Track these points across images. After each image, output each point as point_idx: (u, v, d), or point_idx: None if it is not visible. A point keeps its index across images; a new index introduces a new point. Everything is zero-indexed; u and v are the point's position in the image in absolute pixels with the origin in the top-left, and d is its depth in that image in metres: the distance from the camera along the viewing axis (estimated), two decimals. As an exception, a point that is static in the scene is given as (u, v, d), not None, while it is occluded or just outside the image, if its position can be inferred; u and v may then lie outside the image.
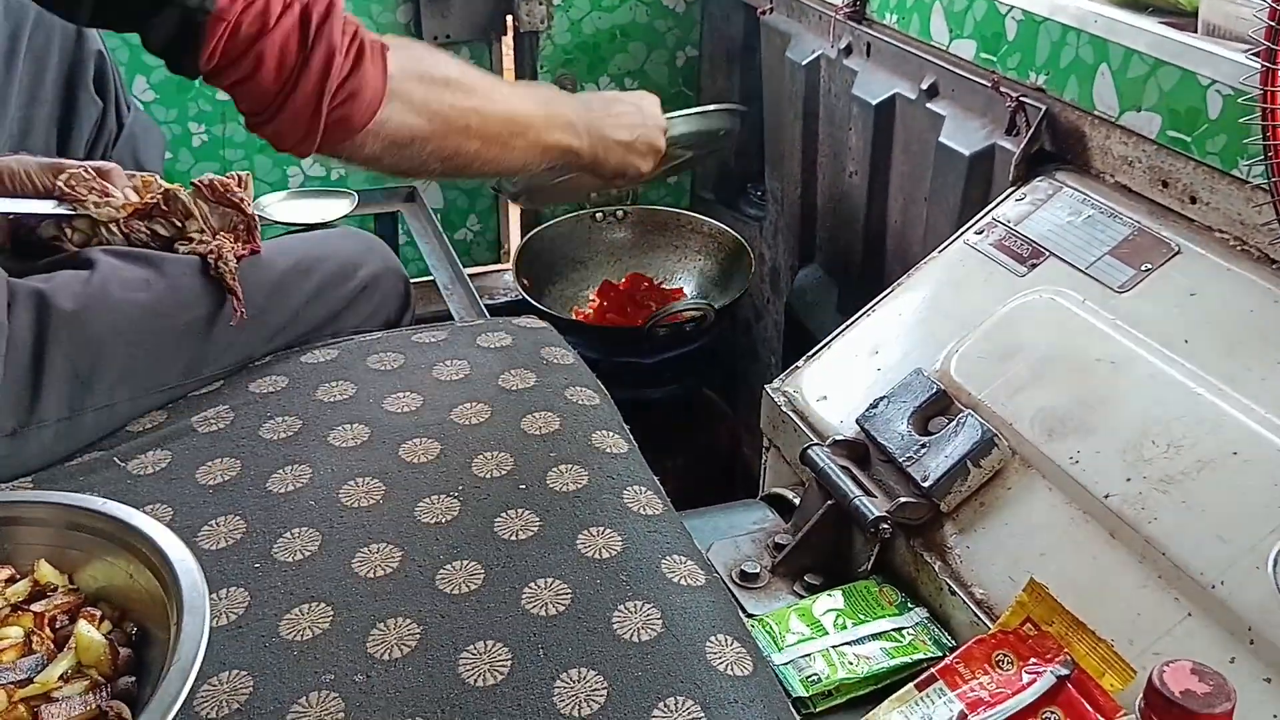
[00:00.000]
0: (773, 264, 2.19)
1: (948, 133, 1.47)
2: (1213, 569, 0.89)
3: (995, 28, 1.41)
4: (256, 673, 0.84)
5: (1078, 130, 1.30)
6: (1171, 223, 1.18)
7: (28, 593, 0.89)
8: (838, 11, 1.72)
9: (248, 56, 0.95)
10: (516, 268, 1.99)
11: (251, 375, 1.20)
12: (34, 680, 0.81)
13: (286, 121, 0.99)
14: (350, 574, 0.94)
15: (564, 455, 1.08)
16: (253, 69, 0.96)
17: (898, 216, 1.68)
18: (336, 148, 1.04)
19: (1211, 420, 0.98)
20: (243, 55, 0.95)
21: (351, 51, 1.00)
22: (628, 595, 0.91)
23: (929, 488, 1.06)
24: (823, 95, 1.83)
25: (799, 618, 1.05)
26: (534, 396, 1.16)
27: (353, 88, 1.00)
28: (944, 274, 1.32)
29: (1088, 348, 1.10)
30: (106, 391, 1.11)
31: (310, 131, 1.00)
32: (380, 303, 1.33)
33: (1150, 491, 0.96)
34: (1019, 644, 0.91)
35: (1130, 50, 1.21)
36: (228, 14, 0.93)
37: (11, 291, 1.07)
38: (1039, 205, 1.29)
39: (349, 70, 1.00)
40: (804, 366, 1.36)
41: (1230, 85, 1.09)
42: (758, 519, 1.25)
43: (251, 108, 1.00)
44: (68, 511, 0.92)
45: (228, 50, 0.95)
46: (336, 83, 0.99)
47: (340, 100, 1.00)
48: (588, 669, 0.85)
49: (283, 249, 1.30)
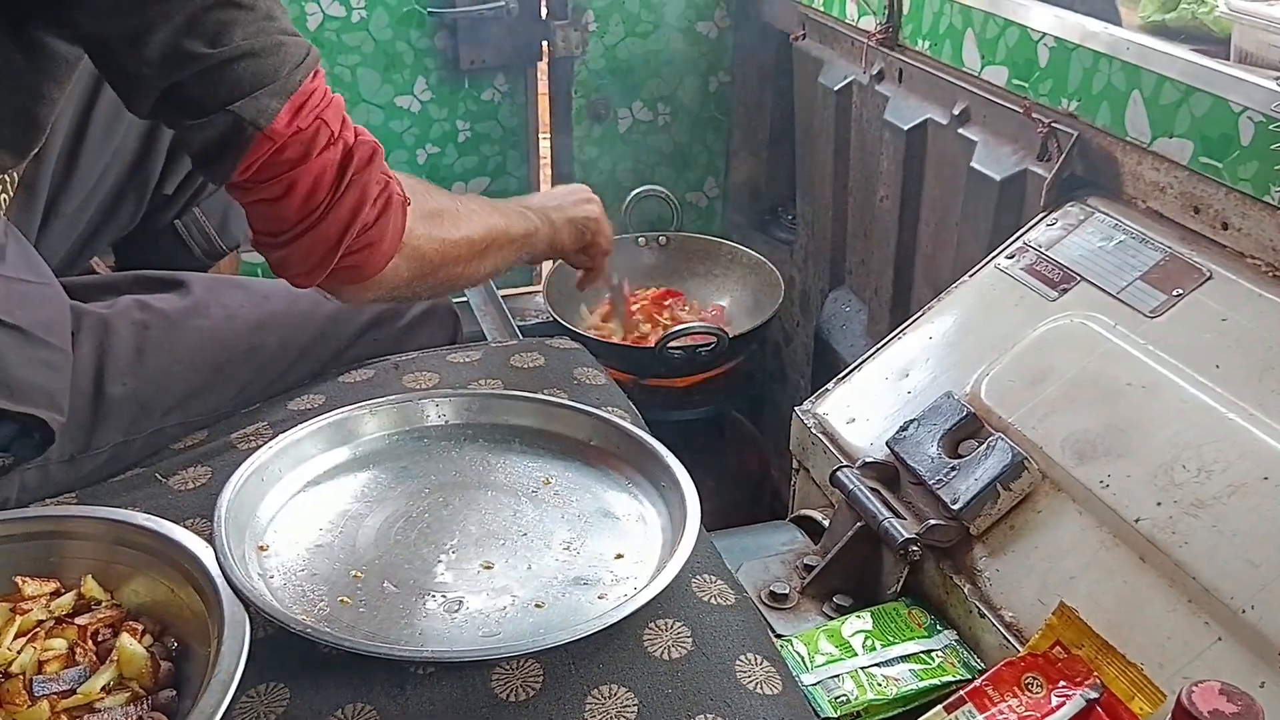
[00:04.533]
0: (803, 287, 2.20)
1: (979, 158, 1.48)
2: (1243, 593, 0.89)
3: (1027, 54, 1.41)
4: (293, 684, 0.86)
5: (1109, 156, 1.31)
6: (1203, 248, 1.18)
7: (72, 606, 0.91)
8: (870, 38, 1.74)
9: (280, 181, 0.95)
10: (548, 291, 2.01)
11: (290, 394, 1.22)
12: (77, 691, 0.83)
13: (299, 252, 0.99)
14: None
15: (596, 474, 1.10)
16: (281, 193, 0.95)
17: (928, 241, 1.69)
18: (339, 289, 1.05)
19: (1242, 445, 0.98)
20: (278, 177, 0.95)
21: (379, 203, 1.00)
22: (659, 613, 0.92)
23: (959, 510, 1.07)
24: (854, 120, 1.84)
25: (828, 639, 1.05)
26: (567, 416, 1.18)
27: (371, 239, 1.00)
28: (975, 298, 1.33)
29: (1118, 372, 1.10)
30: (161, 417, 1.14)
31: (320, 267, 1.00)
32: (430, 337, 1.35)
33: (1181, 515, 0.96)
34: (1048, 667, 0.91)
35: (1162, 77, 1.21)
36: (280, 135, 0.93)
37: (76, 318, 1.09)
38: (1070, 230, 1.30)
39: (373, 220, 1.00)
40: (834, 389, 1.36)
41: (1262, 112, 1.09)
42: (787, 540, 1.26)
43: (268, 228, 0.99)
44: (114, 527, 0.94)
45: (266, 168, 0.94)
46: (358, 230, 0.99)
47: (357, 248, 1.00)
48: (619, 685, 0.86)
49: None
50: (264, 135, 0.92)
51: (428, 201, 1.10)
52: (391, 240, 1.02)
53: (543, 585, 0.96)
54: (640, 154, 2.33)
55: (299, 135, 0.93)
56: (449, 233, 1.12)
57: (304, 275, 1.01)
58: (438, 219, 1.11)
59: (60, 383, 1.04)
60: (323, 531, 1.01)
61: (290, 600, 0.93)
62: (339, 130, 0.97)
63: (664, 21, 2.22)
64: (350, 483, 1.08)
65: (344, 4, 1.99)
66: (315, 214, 0.96)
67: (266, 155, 0.93)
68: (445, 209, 1.13)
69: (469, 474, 1.10)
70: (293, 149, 0.94)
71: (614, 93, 2.26)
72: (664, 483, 1.05)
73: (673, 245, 2.13)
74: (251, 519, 1.00)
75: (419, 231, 1.06)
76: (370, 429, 1.13)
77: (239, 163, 0.93)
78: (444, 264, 1.11)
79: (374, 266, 1.02)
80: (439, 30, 2.08)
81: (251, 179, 0.95)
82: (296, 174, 0.95)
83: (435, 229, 1.10)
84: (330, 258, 0.99)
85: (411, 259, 1.06)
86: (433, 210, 1.11)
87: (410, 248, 1.05)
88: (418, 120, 2.11)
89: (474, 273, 1.19)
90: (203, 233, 1.40)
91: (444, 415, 1.16)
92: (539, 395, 1.18)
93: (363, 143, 0.99)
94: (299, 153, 0.94)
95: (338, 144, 0.96)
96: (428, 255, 1.08)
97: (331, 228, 0.97)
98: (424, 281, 1.11)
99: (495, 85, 2.16)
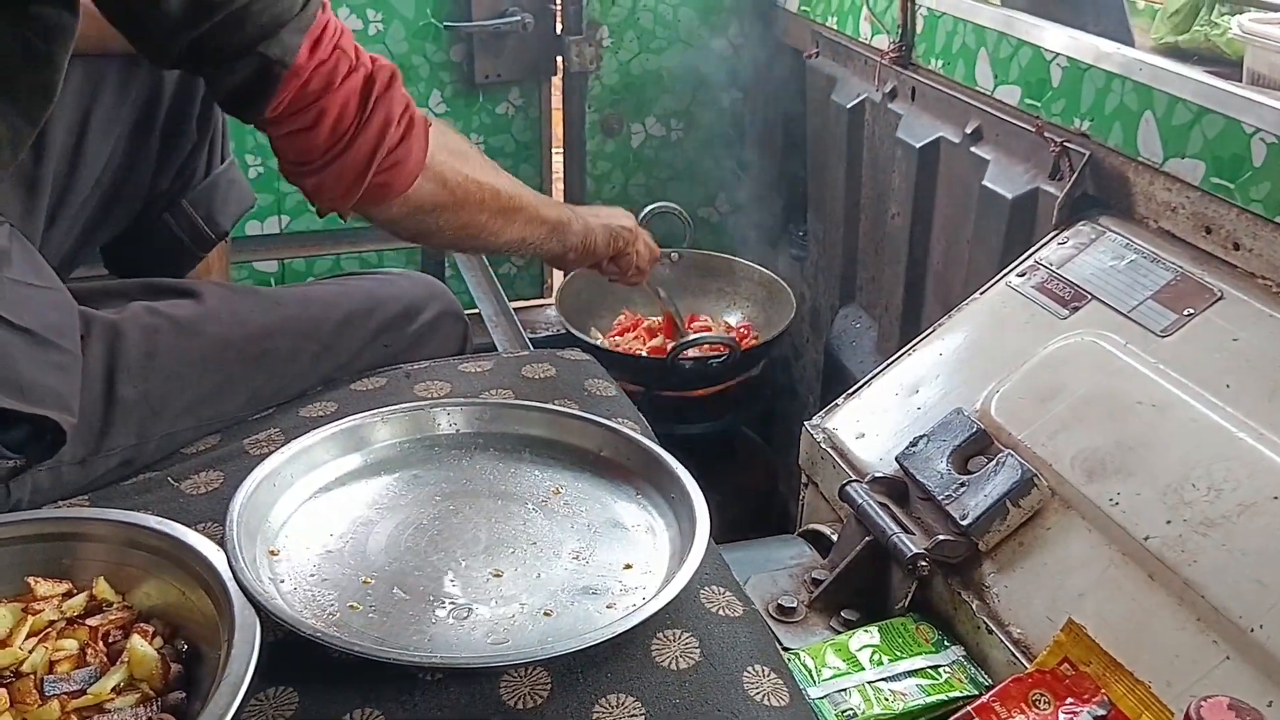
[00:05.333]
0: (813, 303, 2.20)
1: (991, 176, 1.49)
2: (1252, 612, 0.89)
3: (1040, 74, 1.42)
4: (302, 689, 0.86)
5: (1121, 176, 1.31)
6: (1214, 268, 1.18)
7: (84, 607, 0.91)
8: (883, 56, 1.75)
9: (310, 110, 0.99)
10: (560, 303, 2.01)
11: (302, 401, 1.23)
12: (87, 691, 0.83)
13: (331, 176, 1.03)
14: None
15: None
16: (312, 122, 1.00)
17: (939, 258, 1.69)
18: (368, 208, 1.08)
19: (1252, 464, 0.98)
20: (306, 108, 0.99)
21: (404, 122, 1.04)
22: (667, 624, 0.93)
23: (968, 526, 1.07)
24: (867, 138, 1.85)
25: (835, 653, 1.05)
26: (577, 427, 1.18)
27: (399, 156, 1.05)
28: (985, 315, 1.33)
29: (1129, 390, 1.10)
30: (172, 420, 1.14)
31: (352, 189, 1.04)
32: (440, 345, 1.36)
33: (1190, 534, 0.96)
34: (1056, 684, 0.91)
35: (1175, 98, 1.22)
36: (304, 70, 0.97)
37: (86, 322, 1.10)
38: (1082, 249, 1.30)
39: (398, 140, 1.04)
40: (843, 404, 1.37)
41: (1274, 133, 1.10)
42: (795, 554, 1.26)
43: (300, 158, 1.03)
44: (127, 529, 0.95)
45: (295, 101, 0.98)
46: (386, 149, 1.03)
47: (387, 166, 1.04)
48: (626, 695, 0.86)
49: (346, 290, 1.33)
50: (291, 71, 0.96)
51: (454, 140, 1.16)
52: (417, 158, 1.07)
53: (551, 594, 0.96)
54: (653, 169, 2.34)
55: (321, 67, 0.98)
56: (473, 171, 1.16)
57: (338, 199, 1.05)
58: (462, 157, 1.15)
59: (70, 384, 1.05)
60: (333, 537, 1.02)
61: (300, 605, 0.93)
62: (357, 58, 1.01)
63: (678, 38, 2.23)
64: (361, 489, 1.08)
65: (361, 17, 2.00)
66: (345, 139, 1.01)
67: (295, 90, 0.97)
68: (471, 153, 1.18)
69: (479, 482, 1.10)
70: (317, 80, 0.98)
71: (627, 108, 2.27)
72: (673, 494, 1.05)
73: (685, 261, 2.13)
74: (263, 524, 1.00)
75: (442, 158, 1.10)
76: (382, 436, 1.13)
77: (271, 101, 0.98)
78: (467, 201, 1.15)
79: (402, 184, 1.06)
80: (454, 44, 2.09)
81: (283, 114, 0.99)
82: (324, 103, 0.99)
83: (459, 163, 1.14)
84: (362, 179, 1.03)
85: (436, 182, 1.10)
86: (457, 149, 1.15)
87: (434, 171, 1.09)
88: (432, 133, 2.12)
89: (498, 231, 1.21)
90: (191, 224, 1.41)
91: (455, 424, 1.16)
92: (550, 405, 1.18)
93: (381, 67, 1.03)
94: (323, 83, 0.99)
95: (358, 71, 1.01)
96: (450, 183, 1.12)
97: (361, 150, 1.02)
98: (446, 213, 1.14)
99: (509, 99, 2.17)
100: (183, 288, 1.23)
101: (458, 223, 1.16)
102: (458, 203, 1.14)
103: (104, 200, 1.33)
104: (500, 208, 1.19)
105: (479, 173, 1.17)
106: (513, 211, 1.22)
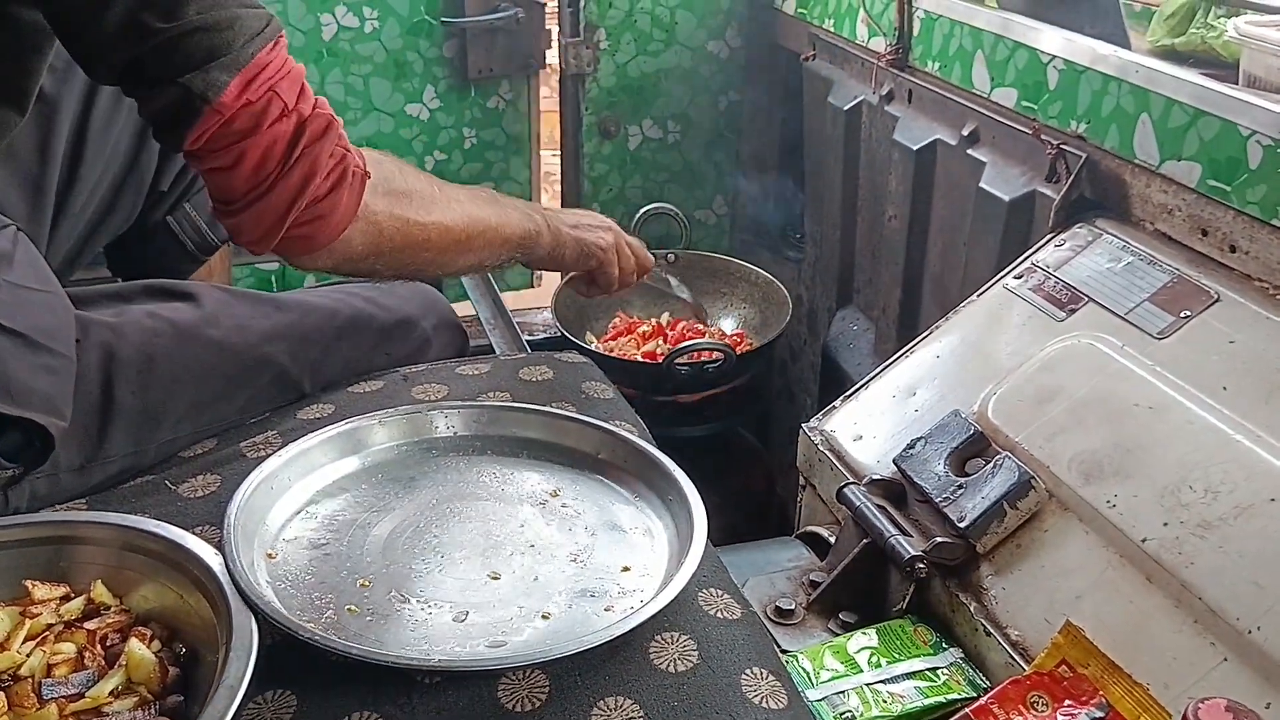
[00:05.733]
0: (810, 305, 2.20)
1: (988, 179, 1.49)
2: (1249, 615, 0.89)
3: (1036, 76, 1.42)
4: (300, 692, 0.86)
5: (1118, 178, 1.31)
6: (1211, 271, 1.18)
7: (82, 610, 0.91)
8: (880, 58, 1.75)
9: (231, 150, 0.98)
10: (556, 307, 2.01)
11: (299, 403, 1.23)
12: (85, 695, 0.83)
13: (249, 220, 1.02)
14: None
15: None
16: (233, 162, 0.98)
17: (936, 260, 1.69)
18: (292, 258, 1.07)
19: (1249, 466, 0.98)
20: (228, 147, 0.97)
21: (333, 175, 1.03)
22: (665, 626, 0.93)
23: (965, 528, 1.07)
24: (864, 140, 1.85)
25: (833, 655, 1.05)
26: (574, 429, 1.18)
27: (322, 210, 1.03)
28: (983, 317, 1.33)
29: (1126, 393, 1.10)
30: (172, 427, 1.14)
31: (269, 235, 1.02)
32: (438, 354, 1.37)
33: (1187, 536, 0.97)
34: (1054, 686, 0.91)
35: (1171, 100, 1.22)
36: (227, 108, 0.95)
37: (83, 327, 1.10)
38: (1078, 251, 1.30)
39: (324, 193, 1.02)
40: (841, 406, 1.37)
41: (1270, 136, 1.10)
42: (793, 556, 1.26)
43: (220, 196, 1.02)
44: (124, 533, 0.95)
45: (215, 139, 0.97)
46: (307, 202, 1.01)
47: (307, 219, 1.02)
48: (624, 697, 0.86)
49: (346, 298, 1.33)
50: (212, 108, 0.95)
51: (399, 183, 1.13)
52: (345, 213, 1.05)
53: (549, 597, 0.96)
54: (650, 171, 2.34)
55: (249, 108, 0.96)
56: (416, 214, 1.13)
57: (255, 242, 1.04)
58: (404, 199, 1.12)
59: (62, 388, 1.05)
60: (331, 540, 1.02)
61: (298, 608, 0.93)
62: (294, 103, 0.99)
63: (675, 40, 2.23)
64: (359, 492, 1.08)
65: (357, 14, 2.01)
66: (264, 184, 0.99)
67: (216, 127, 0.96)
68: (418, 192, 1.15)
69: (477, 485, 1.10)
70: (242, 120, 0.96)
71: (624, 110, 2.27)
72: (671, 496, 1.05)
73: (681, 263, 2.13)
74: (260, 527, 1.00)
75: (378, 207, 1.08)
76: (379, 439, 1.13)
77: (189, 133, 0.96)
78: (407, 245, 1.13)
79: (325, 237, 1.05)
80: (448, 39, 2.10)
81: (203, 149, 0.98)
82: (246, 145, 0.97)
83: (400, 208, 1.11)
84: (279, 227, 1.01)
85: (368, 233, 1.08)
86: (401, 190, 1.12)
87: (366, 222, 1.07)
88: (426, 128, 2.14)
89: (447, 263, 1.20)
90: (194, 227, 1.42)
91: (453, 427, 1.16)
92: (547, 408, 1.18)
93: (318, 115, 1.01)
94: (249, 124, 0.97)
95: (290, 116, 0.99)
96: (386, 232, 1.10)
97: (280, 198, 1.00)
98: (382, 258, 1.12)
99: (500, 93, 2.18)
100: (182, 291, 1.22)
101: (397, 264, 1.15)
102: (396, 249, 1.12)
103: (105, 201, 1.33)
104: (450, 243, 1.17)
105: (423, 213, 1.14)
106: (465, 242, 1.19)
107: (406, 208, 1.12)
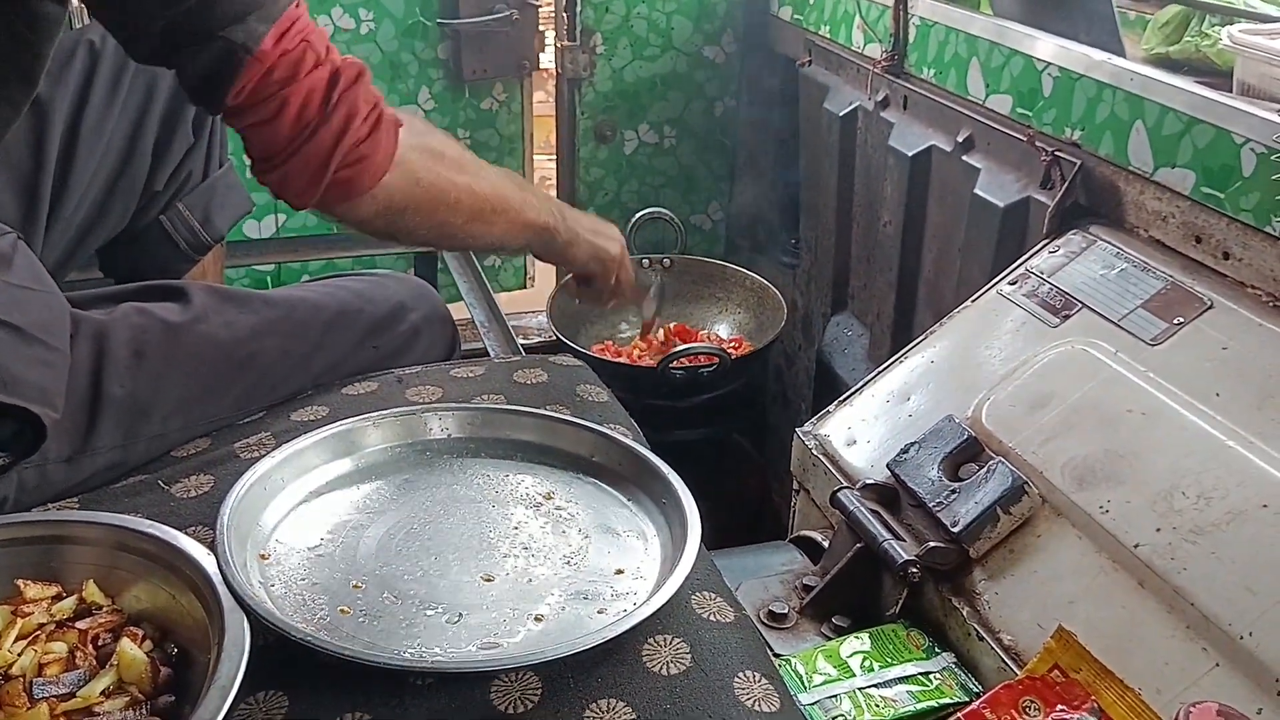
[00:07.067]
0: (805, 311, 2.20)
1: (983, 185, 1.49)
2: (1241, 620, 0.89)
3: (1031, 83, 1.43)
4: (292, 692, 0.86)
5: (1112, 185, 1.32)
6: (1204, 278, 1.19)
7: (73, 610, 0.91)
8: (875, 65, 1.75)
9: (272, 100, 0.99)
10: (551, 310, 2.02)
11: (293, 405, 1.23)
12: (76, 694, 0.83)
13: (294, 170, 1.02)
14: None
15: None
16: (274, 113, 0.99)
17: (931, 266, 1.69)
18: (335, 206, 1.07)
19: (1242, 472, 0.99)
20: (268, 98, 0.99)
21: (370, 118, 1.04)
22: (658, 629, 0.92)
23: (959, 533, 1.07)
24: (859, 146, 1.86)
25: (826, 659, 1.05)
26: (569, 433, 1.18)
27: (364, 152, 1.04)
28: (977, 323, 1.33)
29: (1119, 399, 1.11)
30: (160, 421, 1.14)
31: (314, 184, 1.03)
32: (428, 348, 1.36)
33: (1180, 542, 0.97)
34: (1046, 690, 0.91)
35: (1165, 108, 1.22)
36: (267, 57, 0.97)
37: (75, 323, 1.10)
38: (1073, 258, 1.31)
39: (364, 135, 1.03)
40: (835, 411, 1.37)
41: (1264, 144, 1.10)
42: (786, 560, 1.26)
43: (263, 152, 1.03)
44: (117, 532, 0.94)
45: (256, 90, 0.98)
46: (350, 144, 1.02)
47: (350, 161, 1.03)
48: (617, 700, 0.86)
49: (335, 291, 1.32)
50: (254, 58, 0.96)
51: (431, 140, 1.14)
52: (384, 156, 1.05)
53: (542, 599, 0.96)
54: (645, 176, 2.35)
55: (286, 56, 0.98)
56: (448, 171, 1.14)
57: (301, 193, 1.04)
58: (437, 156, 1.14)
59: (55, 380, 1.05)
60: (324, 541, 1.01)
61: (291, 609, 0.93)
62: (325, 53, 1.01)
63: (671, 45, 2.24)
64: (352, 494, 1.08)
65: (353, 16, 2.02)
66: (307, 130, 1.00)
67: (258, 78, 0.97)
68: (451, 155, 1.16)
69: (471, 487, 1.10)
70: (281, 69, 0.98)
71: (620, 115, 2.28)
72: (665, 500, 1.05)
73: (676, 267, 2.14)
74: (254, 527, 1.00)
75: (414, 157, 1.09)
76: (373, 441, 1.13)
77: (232, 87, 0.98)
78: (440, 203, 1.14)
79: (367, 182, 1.05)
80: (442, 41, 2.10)
81: (245, 101, 0.99)
82: (287, 93, 0.99)
83: (433, 163, 1.12)
84: (324, 172, 1.02)
85: (406, 180, 1.09)
86: (435, 149, 1.14)
87: (403, 169, 1.08)
88: (421, 129, 2.14)
89: (475, 231, 1.20)
90: (188, 227, 1.42)
91: (447, 429, 1.16)
92: (542, 411, 1.18)
93: (349, 63, 1.03)
94: (287, 73, 0.98)
95: (324, 65, 1.01)
96: (422, 183, 1.11)
97: (324, 142, 1.01)
98: (419, 214, 1.12)
99: (494, 95, 2.19)
100: (173, 289, 1.22)
101: (431, 223, 1.15)
102: (430, 203, 1.13)
103: (99, 203, 1.33)
104: (477, 210, 1.18)
105: (454, 173, 1.15)
106: (490, 214, 1.20)
107: (439, 163, 1.13)
